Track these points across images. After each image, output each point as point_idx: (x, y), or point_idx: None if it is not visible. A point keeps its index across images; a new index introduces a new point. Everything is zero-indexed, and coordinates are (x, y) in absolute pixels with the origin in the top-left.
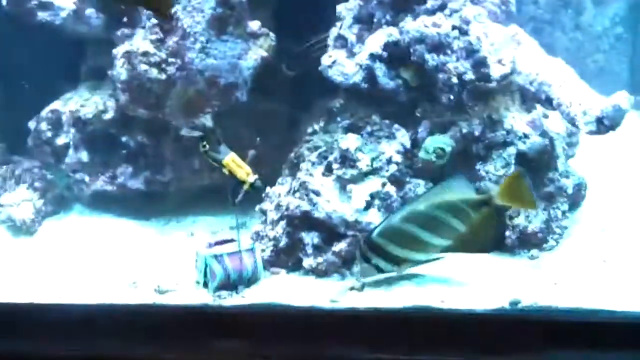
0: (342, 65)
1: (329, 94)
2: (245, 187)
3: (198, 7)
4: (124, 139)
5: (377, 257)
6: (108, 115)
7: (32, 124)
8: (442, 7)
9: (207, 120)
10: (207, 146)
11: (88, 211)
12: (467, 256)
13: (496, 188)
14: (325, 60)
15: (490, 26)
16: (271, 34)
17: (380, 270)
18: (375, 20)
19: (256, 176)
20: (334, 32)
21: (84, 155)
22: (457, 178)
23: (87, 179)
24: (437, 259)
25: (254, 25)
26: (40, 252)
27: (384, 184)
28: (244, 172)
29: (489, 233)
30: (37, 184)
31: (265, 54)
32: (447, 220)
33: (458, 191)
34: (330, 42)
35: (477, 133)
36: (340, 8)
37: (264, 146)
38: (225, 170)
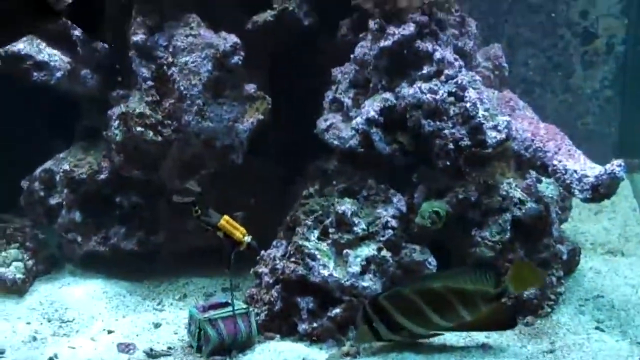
0: (338, 129)
1: (323, 156)
2: (242, 247)
3: (195, 69)
4: (117, 199)
5: (379, 320)
6: (102, 176)
7: (24, 183)
8: (438, 73)
9: (194, 186)
10: (200, 211)
11: (79, 271)
12: None
13: (507, 280)
14: (320, 123)
15: (485, 92)
16: (267, 97)
17: (377, 336)
18: (371, 85)
19: (251, 237)
20: (329, 95)
21: (77, 216)
22: (483, 266)
23: (79, 239)
24: (435, 335)
25: (251, 88)
26: (31, 313)
27: (380, 249)
28: (240, 233)
29: (494, 322)
30: (28, 244)
31: (261, 116)
32: (457, 307)
33: (478, 280)
34: (325, 104)
35: (473, 199)
36: (335, 72)
37: (257, 208)
38: (219, 233)
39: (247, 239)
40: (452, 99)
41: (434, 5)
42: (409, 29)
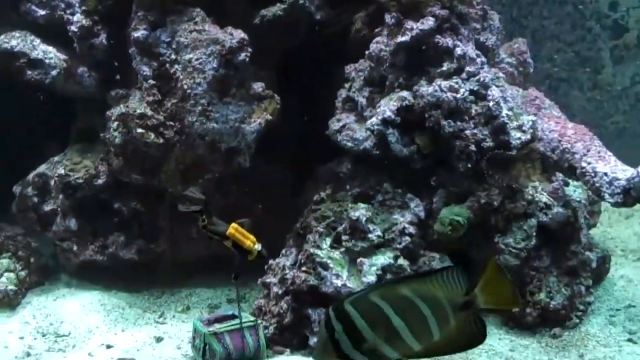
0: (351, 129)
1: (335, 158)
2: (252, 256)
3: (199, 67)
4: (116, 205)
5: (342, 330)
6: (99, 181)
7: (16, 189)
8: (458, 70)
9: (195, 192)
10: (206, 220)
11: (75, 282)
12: None
13: (477, 289)
14: (333, 124)
15: (509, 90)
16: (276, 96)
17: (338, 351)
18: (387, 83)
19: (260, 244)
20: (342, 93)
21: (73, 223)
22: (455, 269)
23: (75, 248)
24: None
25: (258, 87)
26: (24, 327)
27: (396, 257)
28: (250, 241)
29: (461, 342)
30: (20, 253)
31: (269, 117)
32: (426, 316)
33: (450, 285)
34: (338, 104)
35: (496, 204)
36: (349, 69)
37: (265, 214)
38: (227, 242)
39: (257, 247)
40: (473, 97)
41: None
42: (428, 23)
